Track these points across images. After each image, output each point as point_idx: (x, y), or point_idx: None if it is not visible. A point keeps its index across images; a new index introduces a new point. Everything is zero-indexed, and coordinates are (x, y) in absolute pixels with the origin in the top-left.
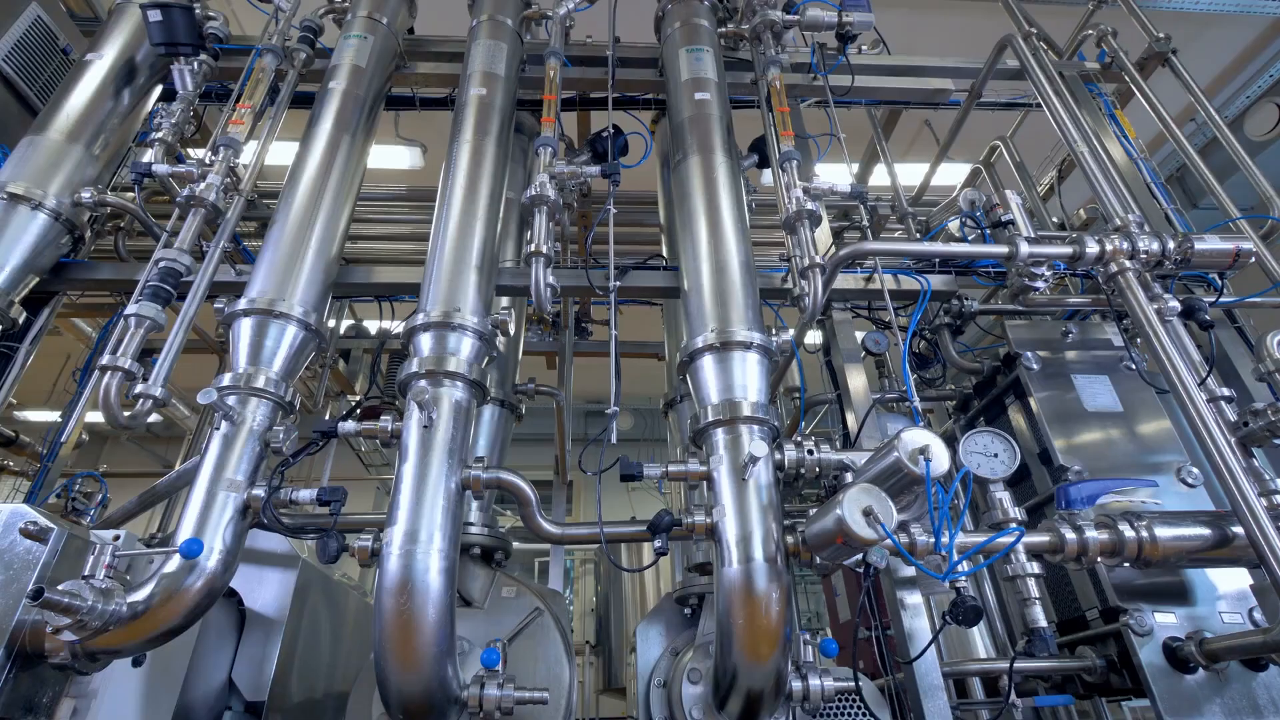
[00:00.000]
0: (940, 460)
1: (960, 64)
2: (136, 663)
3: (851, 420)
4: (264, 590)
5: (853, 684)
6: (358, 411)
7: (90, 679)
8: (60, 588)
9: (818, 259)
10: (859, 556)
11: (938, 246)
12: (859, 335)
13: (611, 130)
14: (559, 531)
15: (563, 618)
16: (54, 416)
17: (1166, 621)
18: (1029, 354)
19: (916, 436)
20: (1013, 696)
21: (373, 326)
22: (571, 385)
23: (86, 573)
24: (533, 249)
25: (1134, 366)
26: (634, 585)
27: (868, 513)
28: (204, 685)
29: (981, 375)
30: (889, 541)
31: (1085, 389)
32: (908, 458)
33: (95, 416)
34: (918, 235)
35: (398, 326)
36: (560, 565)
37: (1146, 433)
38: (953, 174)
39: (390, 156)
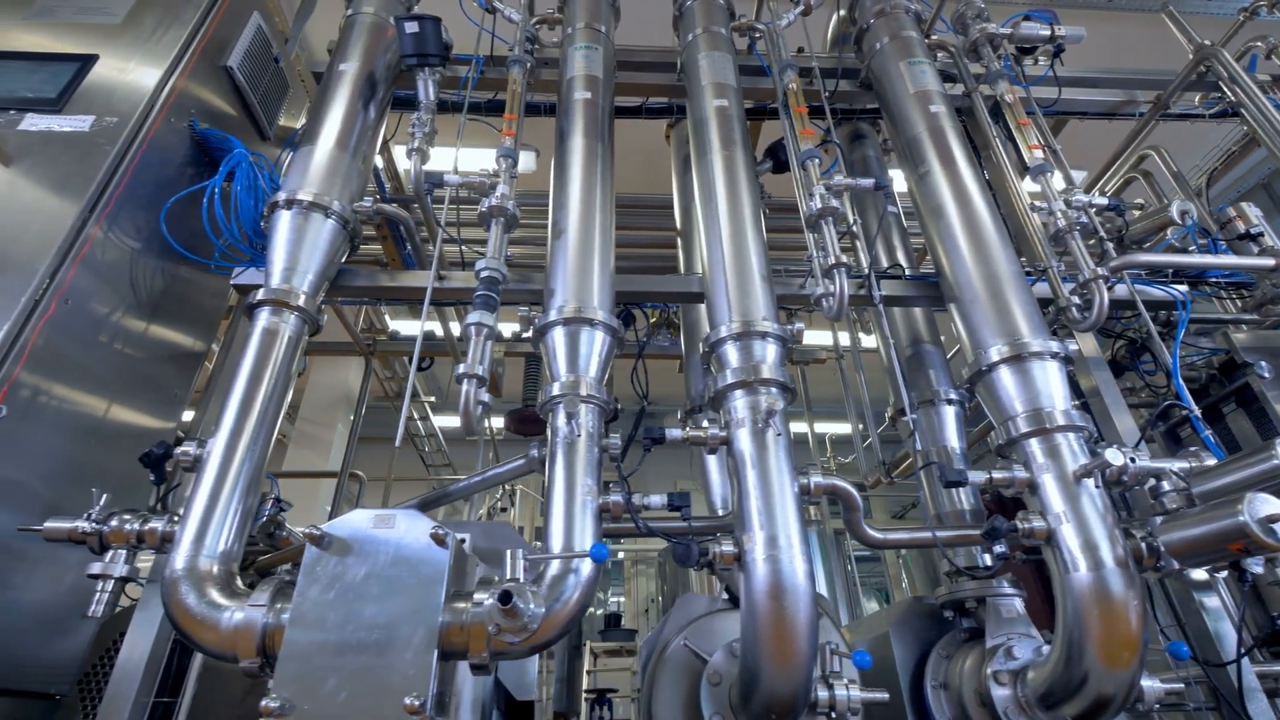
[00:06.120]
0: None
1: (1143, 75)
2: None
3: (1102, 426)
4: None
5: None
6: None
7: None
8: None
9: (1101, 270)
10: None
11: (1207, 258)
12: None
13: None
14: (882, 536)
15: (833, 618)
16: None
17: None
18: (1263, 362)
19: None
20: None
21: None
22: None
23: (508, 576)
24: (833, 261)
25: None
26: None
27: (1273, 520)
28: (483, 683)
29: (1198, 383)
30: None
31: None
32: None
33: None
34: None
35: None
36: None
37: None
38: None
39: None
